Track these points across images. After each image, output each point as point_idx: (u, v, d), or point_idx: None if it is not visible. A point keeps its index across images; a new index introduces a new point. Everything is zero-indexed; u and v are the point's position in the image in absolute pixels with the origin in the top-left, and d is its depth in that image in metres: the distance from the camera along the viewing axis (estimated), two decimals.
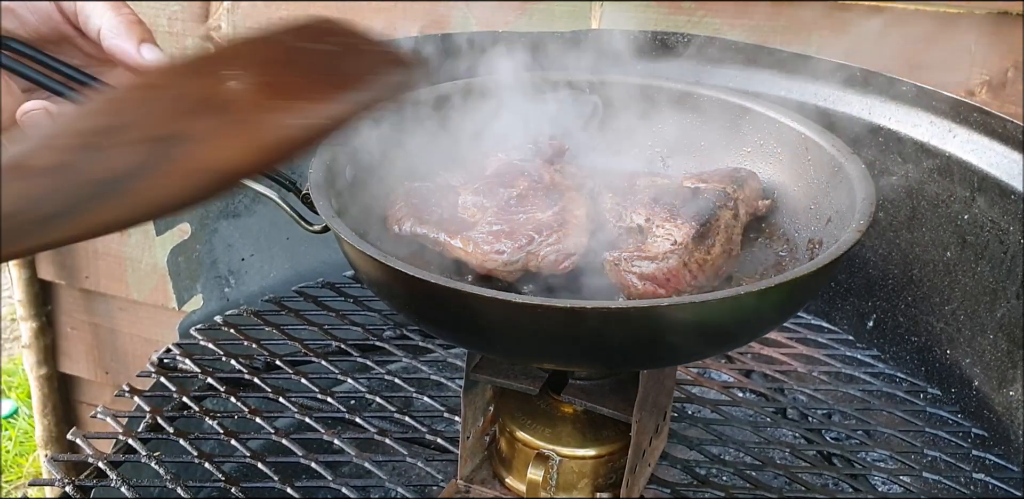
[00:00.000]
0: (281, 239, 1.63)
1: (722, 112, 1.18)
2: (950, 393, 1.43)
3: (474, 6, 1.85)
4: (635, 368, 1.01)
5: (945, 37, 1.62)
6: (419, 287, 0.86)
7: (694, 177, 1.11)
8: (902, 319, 1.51)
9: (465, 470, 1.15)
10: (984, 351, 1.37)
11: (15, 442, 3.06)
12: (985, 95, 1.63)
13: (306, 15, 0.78)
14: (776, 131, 1.14)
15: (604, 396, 1.06)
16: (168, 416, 1.31)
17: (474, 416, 1.12)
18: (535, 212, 1.08)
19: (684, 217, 1.01)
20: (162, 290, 2.38)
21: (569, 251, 1.02)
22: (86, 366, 2.64)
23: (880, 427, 1.35)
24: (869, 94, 1.46)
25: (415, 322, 1.01)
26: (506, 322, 0.86)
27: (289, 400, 1.34)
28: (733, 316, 0.88)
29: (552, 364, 1.03)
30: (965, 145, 1.36)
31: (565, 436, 1.10)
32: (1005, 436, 1.32)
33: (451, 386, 1.40)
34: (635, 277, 0.98)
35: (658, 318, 0.84)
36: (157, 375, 1.40)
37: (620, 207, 1.09)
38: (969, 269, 1.38)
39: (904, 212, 1.46)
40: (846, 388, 1.43)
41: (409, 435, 1.28)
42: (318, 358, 1.44)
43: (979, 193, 1.35)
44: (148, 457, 1.22)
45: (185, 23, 2.07)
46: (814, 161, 1.10)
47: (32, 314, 2.54)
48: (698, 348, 0.95)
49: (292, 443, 1.25)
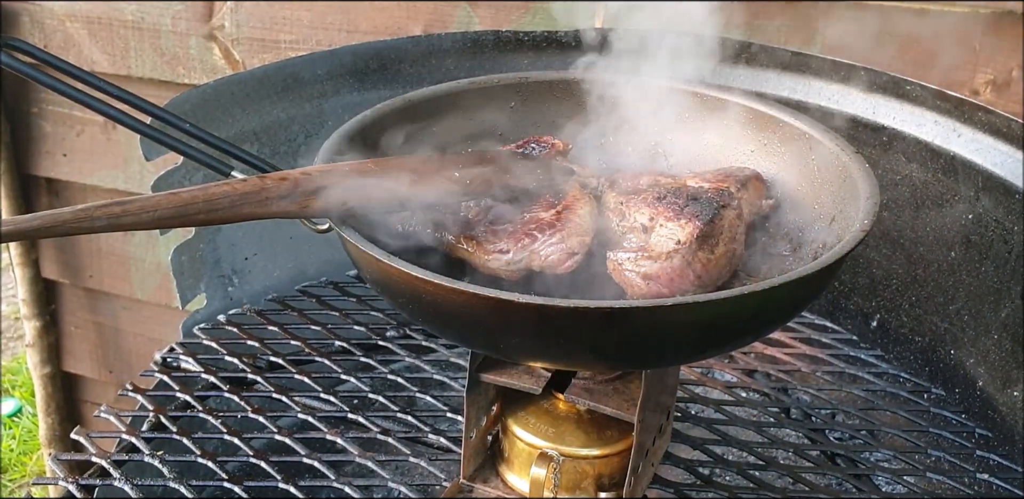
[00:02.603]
0: (284, 238, 1.63)
1: (726, 112, 1.18)
2: (954, 393, 1.43)
3: (477, 5, 1.85)
4: (638, 368, 1.01)
5: (950, 36, 1.62)
6: (422, 287, 0.86)
7: (698, 176, 1.11)
8: (906, 319, 1.50)
9: (468, 470, 1.15)
10: (988, 351, 1.37)
11: (19, 441, 3.07)
12: (990, 94, 1.63)
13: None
14: (779, 130, 1.14)
15: (607, 396, 1.06)
16: (172, 415, 1.31)
17: (477, 416, 1.12)
18: (538, 211, 1.08)
19: (688, 217, 1.01)
20: (165, 289, 2.38)
21: (572, 250, 1.02)
22: (90, 365, 2.65)
23: (884, 427, 1.35)
24: (874, 93, 1.46)
25: (418, 322, 1.00)
26: (509, 322, 0.86)
27: (292, 399, 1.35)
28: (737, 316, 0.88)
29: (555, 364, 1.03)
30: (970, 145, 1.35)
31: (568, 436, 1.10)
32: (1009, 436, 1.32)
33: (454, 385, 1.39)
34: (638, 277, 0.98)
35: (661, 318, 0.84)
36: (161, 374, 1.40)
37: (623, 206, 1.09)
38: (973, 269, 1.38)
39: (908, 212, 1.45)
40: (850, 388, 1.43)
41: (412, 434, 1.28)
42: (321, 357, 1.44)
43: (983, 193, 1.34)
44: (151, 456, 1.22)
45: (189, 22, 2.07)
46: (818, 160, 1.09)
47: (36, 313, 2.55)
48: (702, 348, 0.95)
49: (295, 442, 1.25)
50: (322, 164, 0.98)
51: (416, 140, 1.15)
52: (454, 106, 1.18)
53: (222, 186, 0.87)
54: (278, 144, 1.57)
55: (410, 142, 1.14)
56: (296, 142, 1.58)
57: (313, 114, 1.58)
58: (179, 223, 0.85)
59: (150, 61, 2.14)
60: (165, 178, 1.43)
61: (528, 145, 1.16)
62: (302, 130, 1.58)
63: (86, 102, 0.98)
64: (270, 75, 1.52)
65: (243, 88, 1.50)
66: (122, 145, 2.26)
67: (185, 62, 2.12)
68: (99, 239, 2.42)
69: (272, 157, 1.56)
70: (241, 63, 2.05)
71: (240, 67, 2.05)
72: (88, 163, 2.33)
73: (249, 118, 1.52)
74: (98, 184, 2.34)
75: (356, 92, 1.58)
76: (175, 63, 2.12)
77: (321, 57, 1.55)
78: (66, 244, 2.47)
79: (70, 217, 0.78)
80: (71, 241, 2.45)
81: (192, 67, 2.11)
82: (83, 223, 0.79)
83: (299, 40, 1.99)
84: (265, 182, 0.90)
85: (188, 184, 1.47)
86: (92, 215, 0.79)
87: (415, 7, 1.89)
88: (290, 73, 1.53)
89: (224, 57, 2.07)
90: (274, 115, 1.54)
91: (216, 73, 2.09)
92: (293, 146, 1.58)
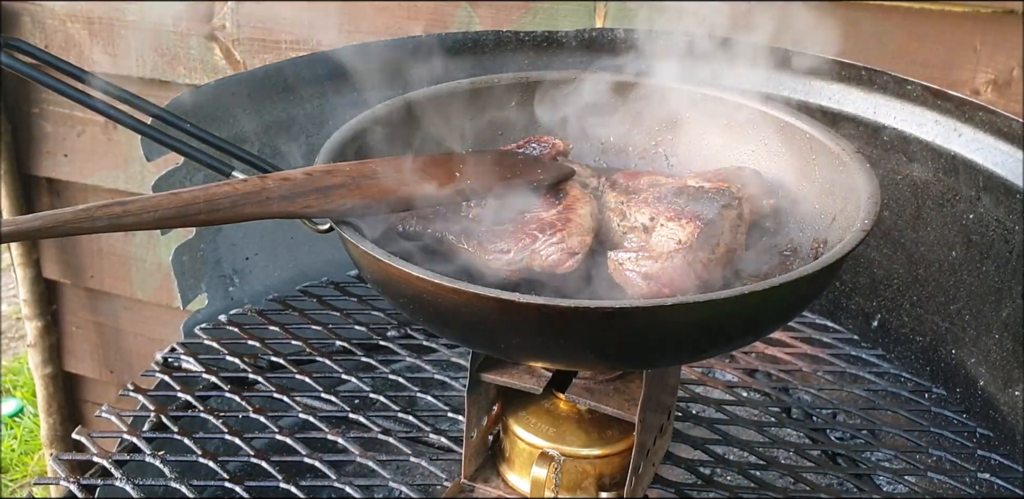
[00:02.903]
0: (285, 238, 1.63)
1: (726, 111, 1.18)
2: (955, 393, 1.43)
3: (478, 5, 1.85)
4: (639, 368, 1.01)
5: (951, 36, 1.62)
6: (422, 287, 0.86)
7: (698, 176, 1.11)
8: (907, 319, 1.50)
9: (469, 469, 1.15)
10: (989, 351, 1.36)
11: (20, 441, 3.07)
12: (990, 93, 1.63)
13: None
14: (780, 130, 1.14)
15: (608, 395, 1.06)
16: (173, 415, 1.31)
17: (478, 415, 1.12)
18: (539, 211, 1.08)
19: (689, 216, 1.01)
20: (166, 289, 2.38)
21: (573, 250, 1.02)
22: (91, 365, 2.65)
23: (885, 427, 1.35)
24: (874, 93, 1.46)
25: (419, 322, 1.00)
26: (509, 322, 0.86)
27: (293, 399, 1.35)
28: (737, 316, 0.88)
29: (556, 364, 1.03)
30: (971, 144, 1.35)
31: (569, 435, 1.10)
32: (1010, 436, 1.32)
33: (455, 385, 1.40)
34: (639, 276, 0.98)
35: (662, 318, 0.84)
36: (162, 374, 1.40)
37: (624, 206, 1.09)
38: (974, 268, 1.38)
39: (909, 211, 1.45)
40: (851, 388, 1.43)
41: (413, 434, 1.28)
42: (322, 357, 1.44)
43: (984, 192, 1.34)
44: (153, 456, 1.23)
45: (189, 22, 2.07)
46: (818, 160, 1.09)
47: (37, 313, 2.55)
48: (702, 348, 0.95)
49: (296, 442, 1.25)
50: (323, 164, 0.98)
51: (416, 140, 1.15)
52: (454, 106, 1.18)
53: (223, 186, 0.87)
54: (279, 144, 1.57)
55: (410, 142, 1.14)
56: (297, 142, 1.58)
57: (314, 114, 1.58)
58: (180, 223, 0.85)
59: (151, 61, 2.14)
60: (166, 178, 1.43)
61: (529, 145, 1.16)
62: (302, 130, 1.58)
63: (86, 102, 0.98)
64: (270, 75, 1.52)
65: (243, 88, 1.50)
66: (123, 145, 2.26)
67: (186, 62, 2.12)
68: (100, 239, 2.42)
69: (273, 157, 1.57)
70: (242, 63, 2.06)
71: (241, 67, 2.05)
72: (89, 163, 2.33)
73: (250, 118, 1.52)
74: (99, 184, 2.34)
75: (356, 92, 1.58)
76: (176, 63, 2.12)
77: (321, 57, 1.55)
78: (67, 244, 2.47)
79: (71, 217, 0.78)
80: (72, 241, 2.45)
81: (193, 67, 2.12)
82: (84, 223, 0.79)
83: (300, 40, 1.99)
84: (266, 182, 0.90)
85: (189, 184, 1.47)
86: (93, 215, 0.79)
87: (415, 7, 1.89)
88: (291, 73, 1.53)
89: (225, 57, 2.07)
90: (275, 115, 1.55)
91: (217, 73, 2.09)
92: (294, 146, 1.58)
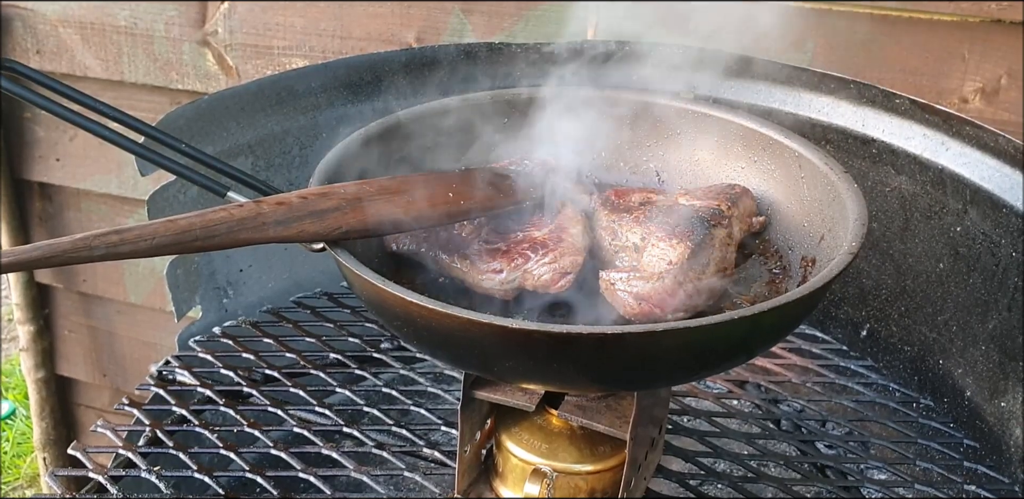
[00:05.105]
0: (279, 250, 1.64)
1: (717, 128, 1.19)
2: (943, 403, 1.45)
3: (470, 12, 1.86)
4: (632, 390, 1.02)
5: (939, 44, 1.63)
6: (416, 311, 0.87)
7: (689, 194, 1.12)
8: (895, 329, 1.52)
9: (462, 485, 1.16)
10: (976, 362, 1.38)
11: (12, 443, 3.07)
12: (979, 102, 1.64)
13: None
14: (769, 148, 1.15)
15: (600, 413, 1.07)
16: (168, 429, 1.31)
17: (471, 431, 1.13)
18: (531, 230, 1.09)
19: (679, 236, 1.02)
20: (159, 293, 2.39)
21: (565, 270, 1.03)
22: (84, 369, 2.65)
23: (873, 438, 1.36)
24: (863, 106, 1.47)
25: (412, 344, 1.02)
26: (502, 347, 0.87)
27: (287, 412, 1.35)
28: (728, 340, 0.89)
29: (548, 386, 1.04)
30: (958, 158, 1.37)
31: (561, 452, 1.11)
32: (997, 447, 1.34)
33: (448, 398, 1.40)
34: (631, 297, 0.99)
35: (654, 343, 0.85)
36: (156, 388, 1.40)
37: (615, 225, 1.10)
38: (961, 280, 1.39)
39: (897, 223, 1.47)
40: (839, 399, 1.44)
41: (407, 448, 1.29)
42: (316, 370, 1.45)
43: (971, 206, 1.36)
44: (148, 471, 1.23)
45: (182, 28, 2.07)
46: (807, 178, 1.10)
47: (30, 317, 2.55)
48: (694, 370, 0.96)
49: (291, 457, 1.25)
50: (318, 187, 0.99)
51: (409, 158, 1.15)
52: (446, 123, 1.19)
53: (219, 212, 0.88)
54: (273, 157, 1.57)
55: (403, 160, 1.14)
56: (291, 154, 1.59)
57: (307, 126, 1.58)
58: (177, 250, 0.86)
59: (143, 66, 2.14)
60: (160, 193, 1.44)
61: (520, 162, 1.17)
62: (296, 142, 1.59)
63: (81, 123, 0.99)
64: (264, 88, 1.52)
65: (237, 101, 1.50)
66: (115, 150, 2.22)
67: (178, 67, 2.12)
68: None
69: (267, 169, 1.57)
70: (234, 69, 2.06)
71: (233, 73, 2.06)
72: (81, 168, 2.33)
73: (244, 131, 1.52)
74: (91, 189, 2.34)
75: (350, 104, 1.58)
76: (168, 68, 2.12)
77: (315, 69, 1.56)
78: None
79: (69, 247, 0.79)
80: None
81: (185, 73, 2.12)
82: (82, 253, 0.80)
83: (292, 46, 2.00)
84: (262, 207, 0.91)
85: (183, 198, 1.47)
86: (91, 245, 0.80)
87: (408, 14, 1.90)
88: (284, 86, 1.53)
89: (217, 63, 2.07)
90: (268, 128, 1.55)
91: (209, 79, 2.09)
92: (288, 158, 1.59)
